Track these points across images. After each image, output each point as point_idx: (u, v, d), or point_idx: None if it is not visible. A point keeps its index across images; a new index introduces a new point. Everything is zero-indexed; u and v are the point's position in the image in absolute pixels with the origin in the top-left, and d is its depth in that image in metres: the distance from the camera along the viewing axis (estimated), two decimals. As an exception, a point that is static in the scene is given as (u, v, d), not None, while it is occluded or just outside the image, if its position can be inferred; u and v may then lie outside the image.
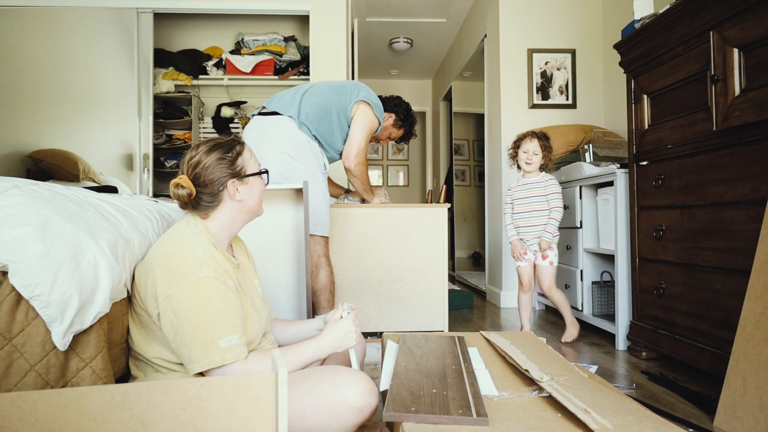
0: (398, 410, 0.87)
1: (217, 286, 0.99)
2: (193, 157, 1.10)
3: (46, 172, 3.04)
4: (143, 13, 3.33)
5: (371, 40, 5.31)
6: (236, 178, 1.11)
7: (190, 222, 1.09)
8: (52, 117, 3.26)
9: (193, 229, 1.07)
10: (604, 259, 2.72)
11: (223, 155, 1.10)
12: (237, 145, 1.14)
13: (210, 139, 1.16)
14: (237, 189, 1.11)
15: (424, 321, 2.56)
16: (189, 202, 1.09)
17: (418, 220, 2.54)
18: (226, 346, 0.97)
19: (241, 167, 1.12)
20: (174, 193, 1.08)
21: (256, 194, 1.16)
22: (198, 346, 0.96)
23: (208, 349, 0.96)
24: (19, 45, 3.23)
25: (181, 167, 1.11)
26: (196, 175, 1.08)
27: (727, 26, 1.60)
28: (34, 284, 0.82)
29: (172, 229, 1.10)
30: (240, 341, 1.00)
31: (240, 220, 1.16)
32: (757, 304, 1.33)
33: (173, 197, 1.09)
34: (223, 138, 1.16)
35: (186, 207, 1.11)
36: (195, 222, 1.09)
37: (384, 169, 7.81)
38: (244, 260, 1.25)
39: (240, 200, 1.12)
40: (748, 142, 1.55)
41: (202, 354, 0.96)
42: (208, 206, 1.10)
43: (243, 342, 1.01)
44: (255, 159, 1.18)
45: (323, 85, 2.15)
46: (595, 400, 0.92)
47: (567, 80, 3.51)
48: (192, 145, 1.31)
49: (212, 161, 1.08)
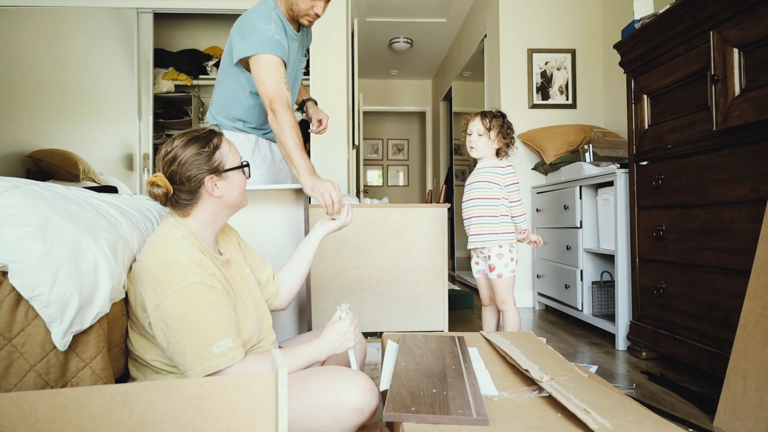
0: (398, 410, 0.87)
1: (204, 291, 0.97)
2: (168, 152, 1.05)
3: (46, 172, 3.04)
4: (143, 13, 3.33)
5: (371, 40, 5.31)
6: (214, 174, 1.06)
7: (171, 224, 1.06)
8: (52, 117, 3.27)
9: (175, 233, 1.04)
10: (604, 259, 2.72)
11: (199, 150, 1.04)
12: (214, 138, 1.08)
13: (186, 131, 1.09)
14: (216, 185, 1.06)
15: (424, 321, 2.56)
16: (168, 200, 1.06)
17: (418, 220, 2.54)
18: (220, 351, 0.96)
19: (219, 162, 1.07)
20: (150, 192, 1.04)
21: (236, 189, 1.11)
22: (191, 354, 0.95)
23: (202, 357, 0.95)
24: (19, 45, 3.23)
25: (157, 163, 1.07)
26: (172, 173, 1.04)
27: (727, 26, 1.60)
28: (34, 284, 0.82)
29: (154, 234, 1.07)
30: (234, 344, 0.98)
31: (222, 215, 1.13)
32: (757, 304, 1.33)
33: (149, 196, 1.06)
34: (200, 130, 1.10)
35: (167, 205, 1.08)
36: (176, 224, 1.06)
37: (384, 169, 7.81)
38: (233, 252, 1.22)
39: (219, 196, 1.08)
40: (748, 142, 1.55)
41: (195, 362, 0.95)
42: (187, 204, 1.06)
43: (237, 344, 0.99)
44: (235, 151, 1.13)
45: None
46: (595, 400, 0.92)
47: (567, 80, 3.51)
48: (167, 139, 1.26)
49: (188, 157, 1.03)
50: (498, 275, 1.85)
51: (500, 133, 1.89)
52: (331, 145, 3.36)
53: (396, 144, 7.81)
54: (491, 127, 1.87)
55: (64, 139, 3.24)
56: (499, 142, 1.89)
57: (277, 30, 1.64)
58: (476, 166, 1.98)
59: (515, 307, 1.89)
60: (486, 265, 1.91)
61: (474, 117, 1.92)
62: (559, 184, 3.00)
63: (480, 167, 1.94)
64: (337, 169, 3.41)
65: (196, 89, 4.07)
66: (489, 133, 1.87)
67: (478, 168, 1.95)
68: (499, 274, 1.85)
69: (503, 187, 1.88)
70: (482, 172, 1.92)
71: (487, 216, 1.87)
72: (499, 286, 1.87)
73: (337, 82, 3.42)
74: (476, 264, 1.98)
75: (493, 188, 1.88)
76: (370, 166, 7.76)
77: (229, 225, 1.31)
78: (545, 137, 3.23)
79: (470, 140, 1.91)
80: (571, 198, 2.78)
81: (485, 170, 1.92)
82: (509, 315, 1.89)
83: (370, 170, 7.76)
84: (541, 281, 3.24)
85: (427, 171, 7.21)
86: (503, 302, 1.89)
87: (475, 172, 1.95)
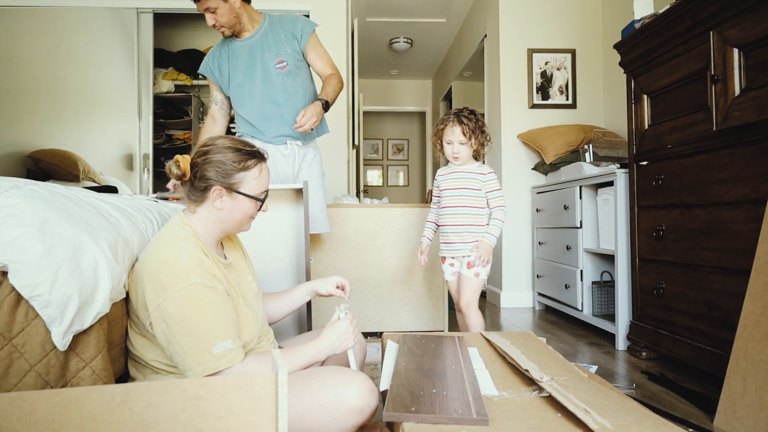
0: (398, 410, 0.87)
1: (205, 292, 0.97)
2: (206, 144, 1.07)
3: (46, 172, 3.04)
4: (143, 13, 3.33)
5: (371, 40, 5.31)
6: (224, 188, 1.06)
7: (177, 224, 1.07)
8: (52, 117, 3.26)
9: (179, 233, 1.04)
10: (604, 259, 2.72)
11: (228, 160, 1.05)
12: (251, 160, 1.08)
13: (239, 138, 1.11)
14: (221, 198, 1.07)
15: (424, 321, 2.56)
16: (183, 185, 1.08)
17: (418, 220, 2.54)
18: (220, 352, 0.96)
19: (237, 182, 1.07)
20: (168, 167, 1.06)
21: (238, 212, 1.10)
22: (191, 354, 0.95)
23: (201, 357, 0.95)
24: (19, 45, 3.23)
25: (195, 147, 1.10)
26: (196, 164, 1.06)
27: (727, 26, 1.60)
28: (34, 284, 0.81)
29: (160, 232, 1.08)
30: (234, 345, 0.98)
31: (218, 229, 1.11)
32: (757, 304, 1.33)
33: (166, 172, 1.07)
34: (250, 146, 1.10)
35: (182, 187, 1.09)
36: (182, 224, 1.07)
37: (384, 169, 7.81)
38: (237, 257, 1.23)
39: (220, 209, 1.08)
40: (748, 142, 1.55)
41: (195, 362, 0.95)
42: (193, 198, 1.08)
43: (237, 345, 0.99)
44: (263, 180, 1.11)
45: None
46: (595, 400, 0.92)
47: (567, 80, 3.51)
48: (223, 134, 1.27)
49: (216, 159, 1.05)
50: (475, 273, 1.80)
51: (478, 135, 1.79)
52: (331, 145, 3.36)
53: (396, 144, 7.81)
54: (472, 133, 1.78)
55: (64, 139, 3.24)
56: (476, 144, 1.80)
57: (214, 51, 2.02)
58: (451, 166, 1.88)
59: (479, 311, 1.84)
60: (462, 265, 1.84)
61: (452, 124, 1.79)
62: (559, 184, 3.00)
63: (457, 170, 1.86)
64: (337, 169, 3.41)
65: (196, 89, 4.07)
66: (471, 140, 1.79)
67: (456, 170, 1.86)
68: (477, 273, 1.80)
69: (485, 193, 1.83)
70: (463, 178, 1.84)
71: (477, 225, 1.82)
72: (471, 285, 1.80)
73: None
74: (451, 266, 1.90)
75: (479, 195, 1.83)
76: (370, 166, 7.76)
77: (236, 236, 1.31)
78: (545, 137, 3.23)
79: (453, 150, 1.80)
80: (571, 198, 2.78)
81: (466, 175, 1.84)
82: (475, 319, 1.83)
83: (370, 170, 7.76)
84: (541, 281, 3.24)
85: (427, 171, 7.21)
86: (470, 305, 1.81)
87: (454, 176, 1.86)
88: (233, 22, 1.88)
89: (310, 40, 1.98)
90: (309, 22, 1.98)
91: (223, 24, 1.87)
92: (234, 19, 1.88)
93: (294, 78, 1.96)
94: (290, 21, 1.97)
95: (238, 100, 1.97)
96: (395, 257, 2.53)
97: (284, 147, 1.99)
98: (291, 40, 1.95)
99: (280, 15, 2.02)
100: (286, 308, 1.37)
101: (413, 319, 2.54)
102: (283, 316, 1.38)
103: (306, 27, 1.97)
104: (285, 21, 1.97)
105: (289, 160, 2.00)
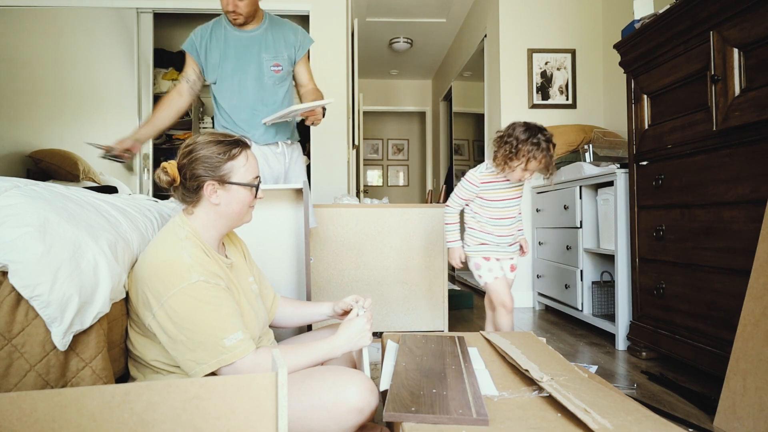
0: (398, 410, 0.87)
1: (208, 288, 0.98)
2: (188, 144, 1.07)
3: (46, 172, 3.04)
4: (143, 13, 3.33)
5: (371, 40, 5.31)
6: (217, 181, 1.06)
7: (176, 224, 1.07)
8: (52, 117, 3.26)
9: (179, 233, 1.04)
10: (604, 259, 2.72)
11: (214, 154, 1.05)
12: (235, 148, 1.08)
13: (218, 132, 1.11)
14: (216, 192, 1.06)
15: (424, 321, 2.56)
16: (175, 190, 1.08)
17: (418, 220, 2.54)
18: (232, 344, 0.96)
19: (226, 173, 1.06)
20: (157, 175, 1.06)
21: (236, 203, 1.09)
22: (203, 349, 0.95)
23: (215, 350, 0.95)
24: (19, 45, 3.23)
25: (179, 151, 1.09)
26: (183, 165, 1.06)
27: (727, 26, 1.60)
28: (34, 284, 0.82)
29: (160, 233, 1.08)
30: (244, 336, 0.99)
31: (219, 225, 1.11)
32: (757, 304, 1.33)
33: (156, 180, 1.07)
34: (230, 136, 1.10)
35: (175, 193, 1.09)
36: (181, 224, 1.07)
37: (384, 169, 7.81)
38: (238, 258, 1.23)
39: (217, 204, 1.07)
40: (748, 142, 1.55)
41: (208, 355, 0.95)
42: (189, 201, 1.08)
43: (248, 336, 1.00)
44: (251, 167, 1.11)
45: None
46: (595, 400, 0.92)
47: (567, 80, 3.51)
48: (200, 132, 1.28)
49: (202, 156, 1.05)
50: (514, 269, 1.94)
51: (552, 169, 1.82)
52: (331, 145, 3.36)
53: (396, 144, 7.81)
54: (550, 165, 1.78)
55: (64, 139, 3.24)
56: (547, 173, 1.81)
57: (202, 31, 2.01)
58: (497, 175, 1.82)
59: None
60: (503, 268, 1.90)
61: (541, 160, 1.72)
62: (559, 184, 3.00)
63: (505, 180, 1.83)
64: (337, 169, 3.41)
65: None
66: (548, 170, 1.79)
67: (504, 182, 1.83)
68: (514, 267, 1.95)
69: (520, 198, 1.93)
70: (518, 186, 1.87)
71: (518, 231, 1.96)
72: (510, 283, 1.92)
73: (337, 82, 3.42)
74: (497, 260, 1.87)
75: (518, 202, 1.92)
76: (370, 166, 7.76)
77: (237, 236, 1.31)
78: (545, 137, 3.23)
79: (527, 174, 1.76)
80: (571, 198, 2.78)
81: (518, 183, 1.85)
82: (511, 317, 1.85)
83: (370, 170, 7.76)
84: (541, 281, 3.24)
85: (427, 171, 7.21)
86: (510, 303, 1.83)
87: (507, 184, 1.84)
88: (252, 13, 1.90)
89: (305, 54, 2.05)
90: (308, 37, 2.04)
91: (242, 13, 1.86)
92: (253, 11, 1.90)
93: (282, 84, 1.99)
94: (291, 29, 2.01)
95: (224, 92, 1.96)
96: (395, 257, 2.52)
97: (275, 146, 2.01)
98: (289, 48, 1.99)
99: (280, 19, 2.04)
100: (301, 319, 1.36)
101: (413, 319, 2.54)
102: (294, 324, 1.36)
103: (306, 41, 2.03)
104: (286, 27, 2.00)
105: (280, 158, 2.02)
